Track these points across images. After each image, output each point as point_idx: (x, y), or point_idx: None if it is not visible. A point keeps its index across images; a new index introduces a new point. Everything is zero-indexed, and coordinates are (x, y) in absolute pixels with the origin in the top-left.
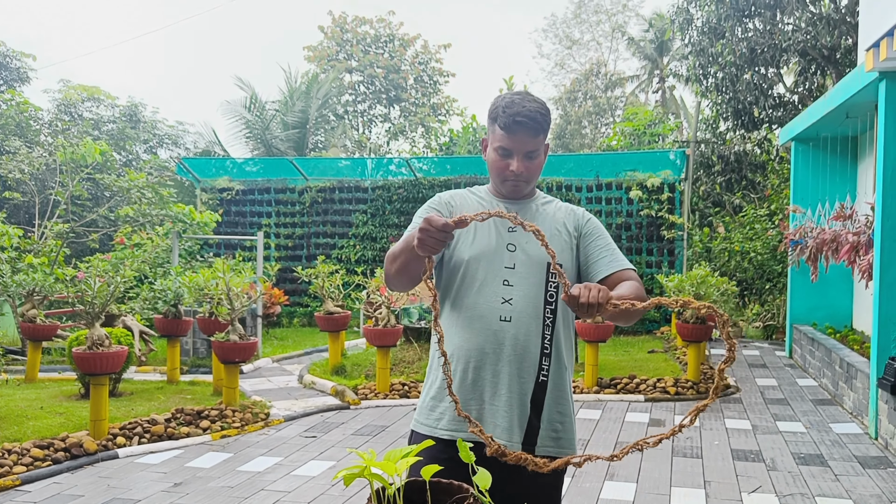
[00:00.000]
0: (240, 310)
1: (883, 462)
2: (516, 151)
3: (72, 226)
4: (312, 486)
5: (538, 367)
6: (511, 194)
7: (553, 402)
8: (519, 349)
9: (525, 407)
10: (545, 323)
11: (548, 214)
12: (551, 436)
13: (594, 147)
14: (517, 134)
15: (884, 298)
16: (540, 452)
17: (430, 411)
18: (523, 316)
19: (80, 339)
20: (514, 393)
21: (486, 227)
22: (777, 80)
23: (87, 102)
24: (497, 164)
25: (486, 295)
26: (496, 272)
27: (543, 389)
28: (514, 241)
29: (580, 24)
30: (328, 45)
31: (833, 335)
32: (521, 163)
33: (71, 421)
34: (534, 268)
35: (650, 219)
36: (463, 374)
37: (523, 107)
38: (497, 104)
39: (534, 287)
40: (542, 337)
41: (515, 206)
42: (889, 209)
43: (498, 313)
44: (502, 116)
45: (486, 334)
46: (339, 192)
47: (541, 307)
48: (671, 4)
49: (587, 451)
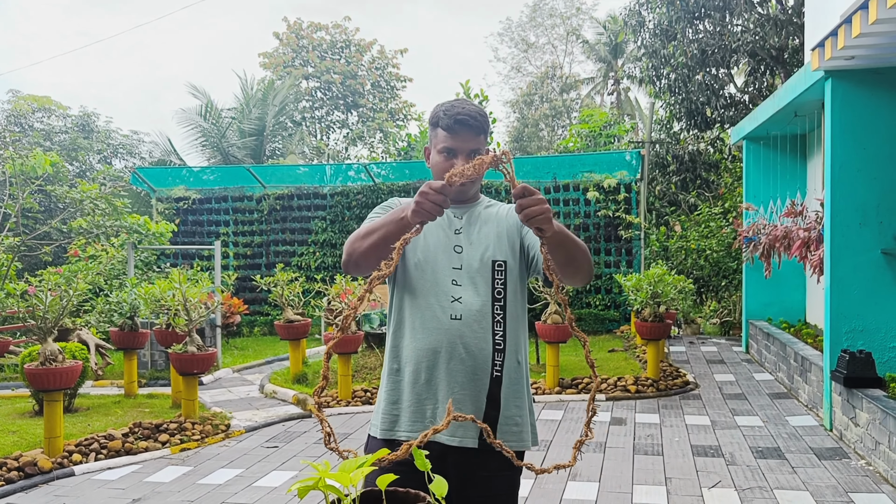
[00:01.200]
0: (197, 320)
1: (838, 453)
2: (460, 150)
3: (23, 239)
4: (274, 497)
5: (491, 363)
6: (457, 196)
7: (510, 396)
8: (471, 346)
9: (481, 403)
10: (495, 319)
11: (492, 216)
12: (512, 430)
13: (551, 149)
14: (460, 133)
15: (835, 292)
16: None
17: (384, 415)
18: (473, 313)
19: (33, 355)
20: (467, 390)
21: (434, 230)
22: (728, 80)
23: (38, 113)
24: (441, 165)
25: (437, 295)
26: (445, 273)
27: (499, 384)
28: (460, 243)
29: (535, 27)
30: (284, 51)
31: (788, 330)
32: (465, 161)
33: (25, 439)
34: (480, 266)
35: (607, 219)
36: (416, 375)
37: (463, 108)
38: (437, 110)
39: (482, 285)
40: (492, 333)
41: (461, 210)
42: (837, 205)
43: (448, 312)
44: (444, 118)
45: (438, 333)
46: (297, 199)
47: (489, 304)
48: (624, 7)
49: (550, 451)
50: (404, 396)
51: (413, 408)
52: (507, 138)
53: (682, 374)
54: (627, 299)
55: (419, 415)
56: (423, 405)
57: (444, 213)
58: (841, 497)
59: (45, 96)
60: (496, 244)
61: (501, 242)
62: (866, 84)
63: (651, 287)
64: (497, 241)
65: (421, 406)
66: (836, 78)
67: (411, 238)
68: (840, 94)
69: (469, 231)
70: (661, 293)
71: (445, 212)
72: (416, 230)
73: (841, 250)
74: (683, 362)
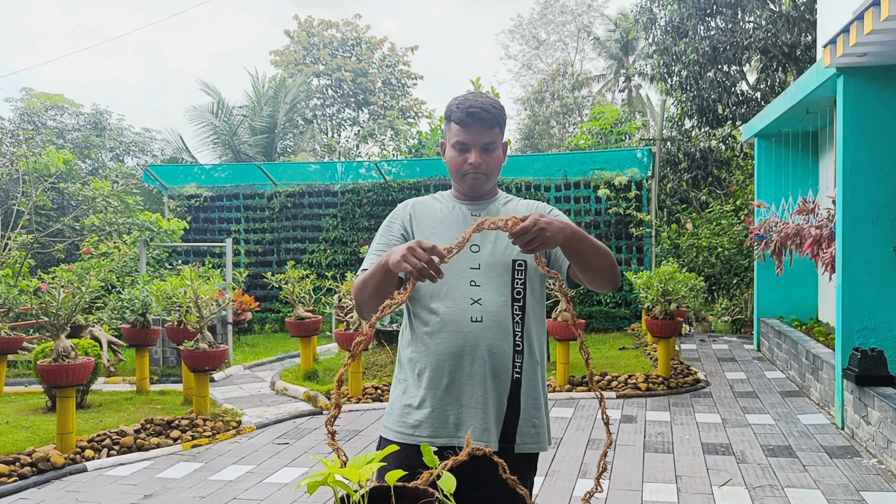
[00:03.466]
0: (208, 317)
1: (849, 451)
2: (473, 144)
3: (36, 236)
4: (285, 493)
5: (511, 365)
6: (472, 191)
7: (529, 398)
8: (492, 348)
9: (502, 405)
10: (514, 320)
11: (509, 213)
12: (530, 431)
13: (562, 147)
14: (473, 127)
15: (846, 290)
16: (520, 449)
17: (403, 418)
18: (493, 315)
19: (46, 352)
20: (490, 393)
21: (449, 230)
22: (739, 77)
23: (51, 111)
24: (456, 160)
25: (455, 298)
26: (462, 274)
27: (519, 386)
28: (478, 242)
29: (546, 24)
30: (295, 49)
31: (799, 327)
32: (479, 155)
33: (38, 435)
34: (499, 266)
35: (618, 217)
36: (437, 380)
37: (476, 101)
38: (451, 105)
39: (501, 285)
40: (513, 334)
41: (477, 206)
42: (849, 202)
43: (468, 314)
44: (457, 112)
45: (458, 337)
46: (308, 196)
47: (509, 304)
48: (635, 4)
49: (560, 449)
50: (426, 402)
51: (436, 413)
52: (517, 135)
53: (693, 371)
54: (638, 297)
55: (442, 420)
56: (446, 411)
57: (433, 278)
58: (852, 495)
59: (58, 94)
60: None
61: None
62: (879, 81)
63: (662, 285)
64: None
65: (444, 412)
66: (849, 75)
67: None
68: (852, 91)
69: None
70: (671, 291)
71: (461, 209)
72: (410, 289)
73: (853, 248)
74: (694, 360)
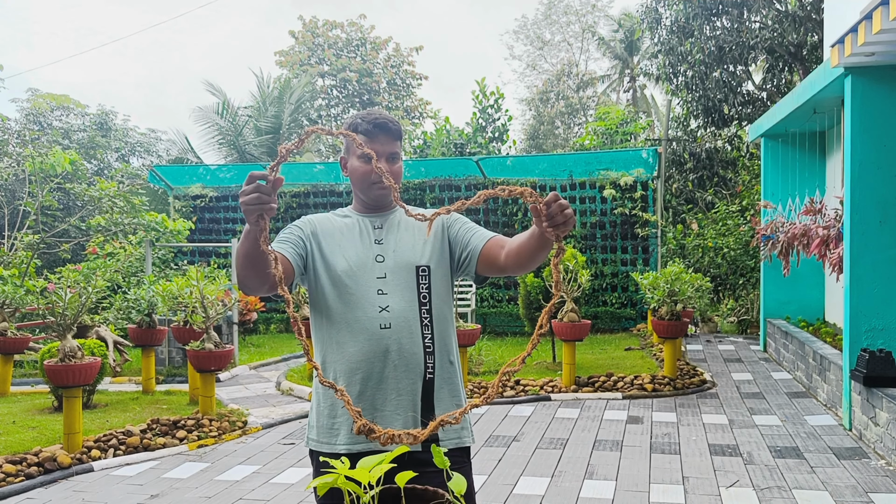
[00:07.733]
0: (214, 318)
1: (857, 453)
2: (380, 154)
3: (42, 236)
4: (291, 493)
5: (424, 366)
6: (378, 200)
7: (447, 395)
8: (403, 352)
9: (416, 406)
10: (423, 323)
11: (412, 221)
12: (452, 427)
13: (567, 147)
14: (379, 137)
15: (854, 291)
16: (445, 445)
17: (324, 429)
18: (401, 320)
19: (52, 352)
20: (403, 395)
21: (353, 242)
22: (745, 77)
23: (57, 111)
24: (362, 170)
25: (364, 307)
26: (369, 284)
27: (432, 386)
28: (382, 252)
29: (550, 25)
30: (300, 49)
31: (806, 328)
32: (385, 164)
33: (44, 435)
34: (403, 273)
35: (624, 217)
36: (349, 388)
37: (381, 114)
38: (353, 118)
39: (407, 291)
40: (422, 336)
41: (381, 218)
42: (857, 202)
43: (377, 322)
44: (363, 124)
45: (369, 344)
46: (313, 196)
47: (416, 309)
48: (640, 4)
49: (566, 450)
50: (341, 410)
51: (351, 421)
52: (522, 136)
53: (700, 372)
54: (644, 297)
55: None
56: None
57: (273, 205)
58: (860, 497)
59: (64, 94)
60: (419, 249)
61: (424, 247)
62: (886, 80)
63: (668, 285)
64: (420, 245)
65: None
66: (856, 74)
67: (267, 234)
68: (860, 91)
69: (388, 239)
70: (677, 291)
71: (362, 221)
72: (264, 227)
73: (860, 248)
74: (700, 361)
